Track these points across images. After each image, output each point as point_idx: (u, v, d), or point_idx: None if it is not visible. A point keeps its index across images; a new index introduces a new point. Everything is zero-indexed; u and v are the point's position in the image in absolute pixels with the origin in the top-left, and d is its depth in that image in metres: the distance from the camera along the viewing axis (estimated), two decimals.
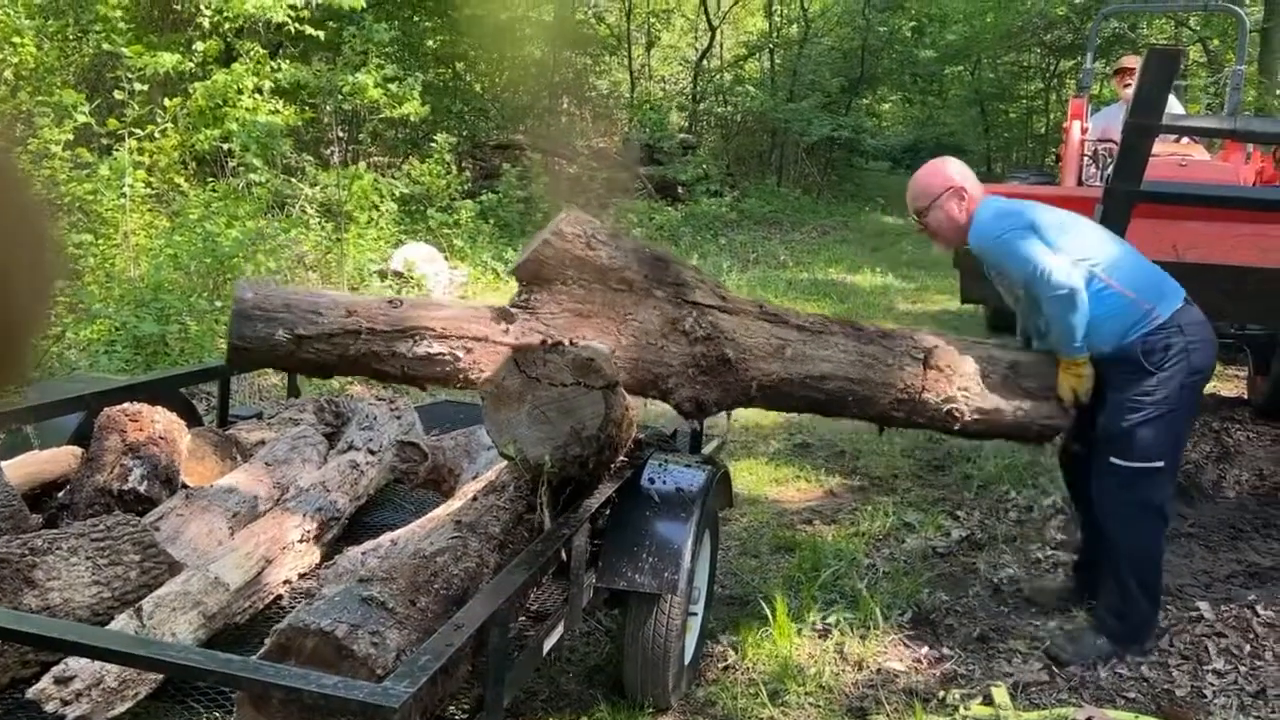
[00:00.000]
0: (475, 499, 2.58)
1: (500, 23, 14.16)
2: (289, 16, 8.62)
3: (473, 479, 2.92)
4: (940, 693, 3.13)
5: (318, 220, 8.19)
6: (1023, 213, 3.25)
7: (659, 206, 13.99)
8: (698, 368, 2.90)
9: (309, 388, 5.81)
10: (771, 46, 20.66)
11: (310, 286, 7.45)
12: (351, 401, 3.81)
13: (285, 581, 2.61)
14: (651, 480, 2.88)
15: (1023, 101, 25.92)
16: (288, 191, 8.49)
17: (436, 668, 1.74)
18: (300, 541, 2.71)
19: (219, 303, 6.55)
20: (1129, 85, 6.60)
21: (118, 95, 7.51)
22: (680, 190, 15.47)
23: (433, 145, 10.40)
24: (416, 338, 2.59)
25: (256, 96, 8.62)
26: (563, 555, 2.50)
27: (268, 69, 8.91)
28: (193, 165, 8.77)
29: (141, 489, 2.75)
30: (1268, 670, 3.28)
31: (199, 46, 8.94)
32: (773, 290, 10.63)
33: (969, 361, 3.17)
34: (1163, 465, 3.20)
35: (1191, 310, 3.23)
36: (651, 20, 20.81)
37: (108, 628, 2.09)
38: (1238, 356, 7.15)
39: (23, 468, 2.85)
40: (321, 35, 8.97)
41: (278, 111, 8.68)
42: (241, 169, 8.19)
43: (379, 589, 2.05)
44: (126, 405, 2.95)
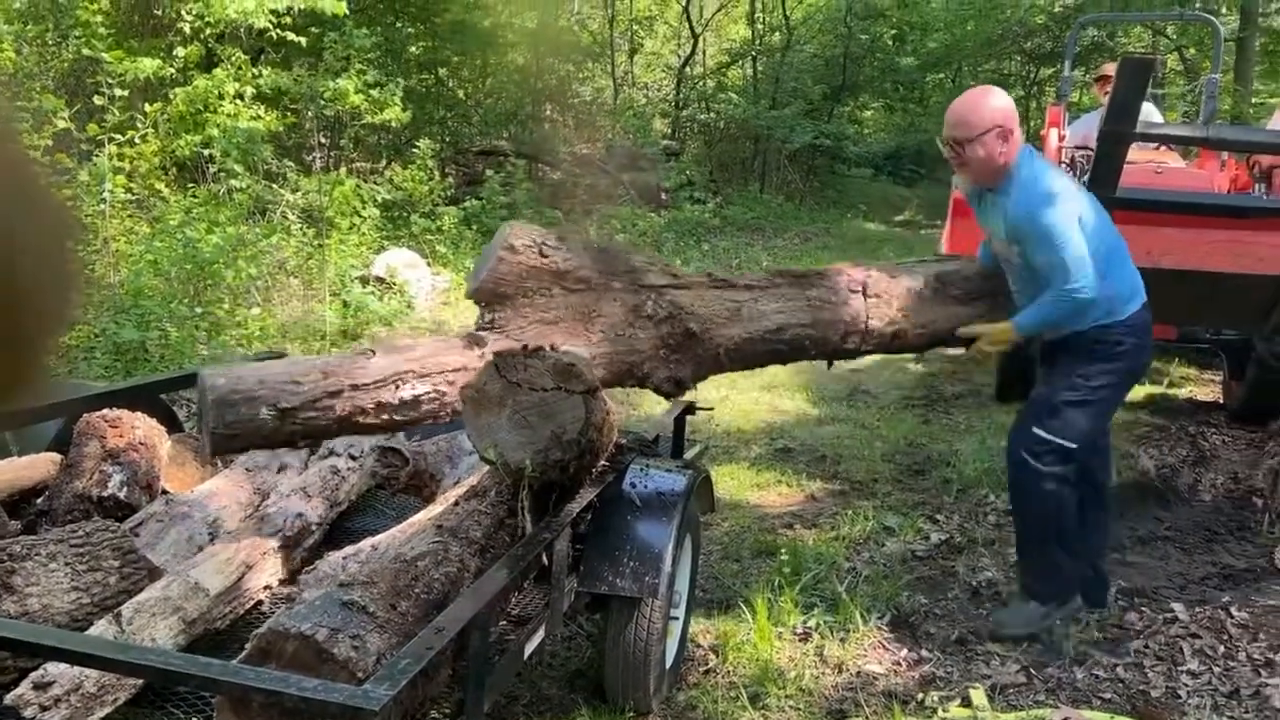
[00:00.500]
0: (457, 504, 2.58)
1: (483, 29, 14.16)
2: (271, 22, 8.61)
3: (454, 484, 2.93)
4: (919, 695, 3.16)
5: (299, 226, 8.17)
6: (1072, 195, 3.23)
7: (642, 213, 14.02)
8: (667, 347, 2.98)
9: None
10: (754, 54, 20.74)
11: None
12: None
13: (266, 587, 2.61)
14: (633, 485, 2.89)
15: None
16: (269, 197, 8.47)
17: (417, 671, 1.75)
18: (281, 547, 2.71)
19: (199, 309, 6.53)
20: (1109, 93, 6.66)
21: (98, 100, 7.48)
22: (664, 197, 15.50)
23: (415, 151, 10.39)
24: (398, 383, 2.58)
25: (238, 102, 8.59)
26: (544, 559, 2.51)
27: (249, 74, 8.89)
28: (173, 171, 8.73)
29: (121, 495, 2.75)
30: (1241, 671, 3.32)
31: (180, 52, 8.91)
32: None
33: (901, 283, 3.35)
34: (1076, 448, 3.33)
35: (1147, 314, 3.38)
36: (634, 27, 20.85)
37: (87, 633, 2.09)
38: (1213, 361, 7.23)
39: (1, 474, 2.84)
40: (303, 41, 8.95)
41: (259, 117, 8.66)
42: (222, 175, 8.16)
43: (360, 593, 2.06)
44: (106, 411, 2.95)
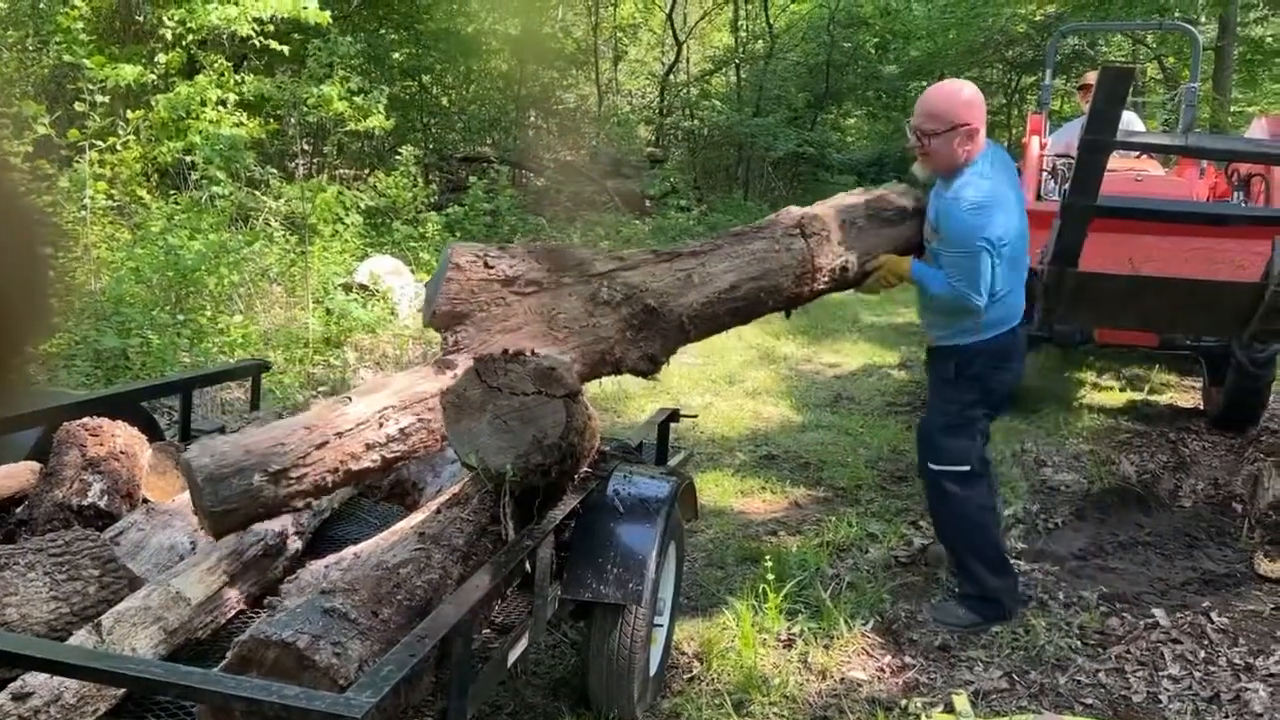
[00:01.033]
0: (439, 511, 2.58)
1: (466, 35, 14.16)
2: (253, 30, 8.58)
3: (436, 492, 2.92)
4: (903, 701, 3.17)
5: (282, 233, 8.13)
6: (1004, 210, 3.37)
7: (626, 220, 14.03)
8: (632, 327, 3.01)
9: (271, 399, 5.78)
10: (737, 62, 20.80)
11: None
12: None
13: (247, 595, 2.59)
14: (616, 492, 2.89)
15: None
16: (251, 204, 8.43)
17: (399, 678, 1.74)
18: (263, 556, 2.70)
19: (181, 316, 6.49)
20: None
21: (79, 107, 7.43)
22: (648, 203, 15.52)
23: (398, 158, 10.38)
24: (381, 421, 2.58)
25: (220, 109, 8.56)
26: (527, 567, 2.50)
27: (231, 81, 8.86)
28: (155, 178, 8.69)
29: (102, 504, 2.73)
30: (1221, 676, 3.35)
31: (161, 58, 8.87)
32: None
33: (836, 217, 3.42)
34: (968, 469, 3.59)
35: (1010, 339, 3.56)
36: (618, 35, 20.88)
37: (67, 643, 2.07)
38: (1193, 368, 7.29)
39: None
40: (286, 50, 8.93)
41: (242, 124, 8.63)
42: (205, 181, 8.12)
43: (341, 600, 2.05)
44: (86, 420, 2.93)
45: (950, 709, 3.09)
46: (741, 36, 21.32)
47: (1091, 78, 7.80)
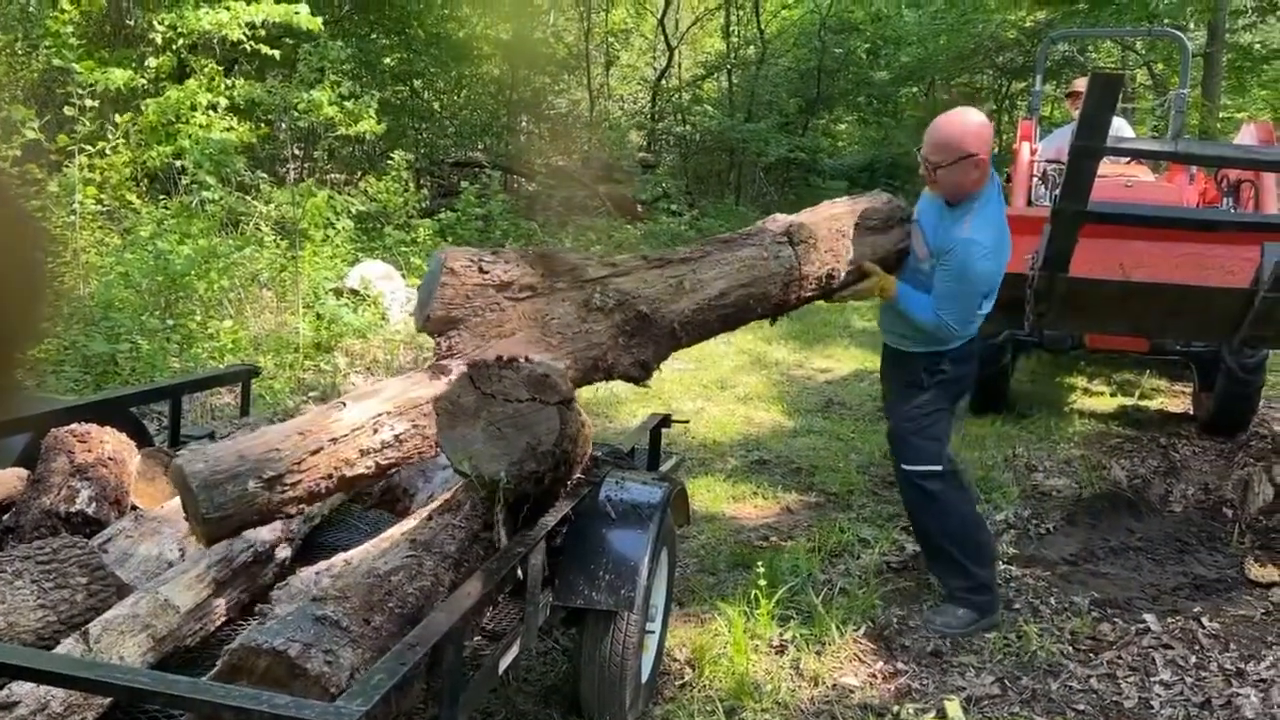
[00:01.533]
0: (430, 518, 2.56)
1: (457, 41, 14.16)
2: (244, 35, 8.56)
3: (428, 499, 2.91)
4: (895, 707, 3.16)
5: (272, 238, 8.11)
6: (1005, 251, 3.52)
7: (617, 224, 14.03)
8: (624, 334, 3.00)
9: (261, 405, 5.75)
10: (729, 67, 20.84)
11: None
12: None
13: (237, 602, 2.58)
14: (608, 497, 2.88)
15: None
16: (242, 209, 8.40)
17: (390, 686, 1.73)
18: (253, 562, 2.68)
19: (171, 321, 6.46)
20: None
21: (68, 111, 7.40)
22: (640, 208, 15.53)
23: (390, 163, 10.36)
24: (376, 426, 2.56)
25: (210, 113, 8.54)
26: (519, 573, 2.49)
27: (222, 86, 8.83)
28: (145, 182, 8.66)
29: (90, 511, 2.71)
30: (1213, 681, 3.35)
31: (152, 62, 8.85)
32: None
33: (822, 225, 3.43)
34: (941, 467, 3.68)
35: (972, 345, 3.72)
36: (610, 40, 20.90)
37: (53, 651, 2.05)
38: (1183, 373, 7.31)
39: None
40: (277, 54, 8.91)
41: (232, 128, 8.60)
42: (195, 186, 8.09)
43: (332, 608, 2.04)
44: (75, 426, 2.91)
45: (943, 715, 3.09)
46: (733, 42, 21.36)
47: (1081, 85, 7.83)
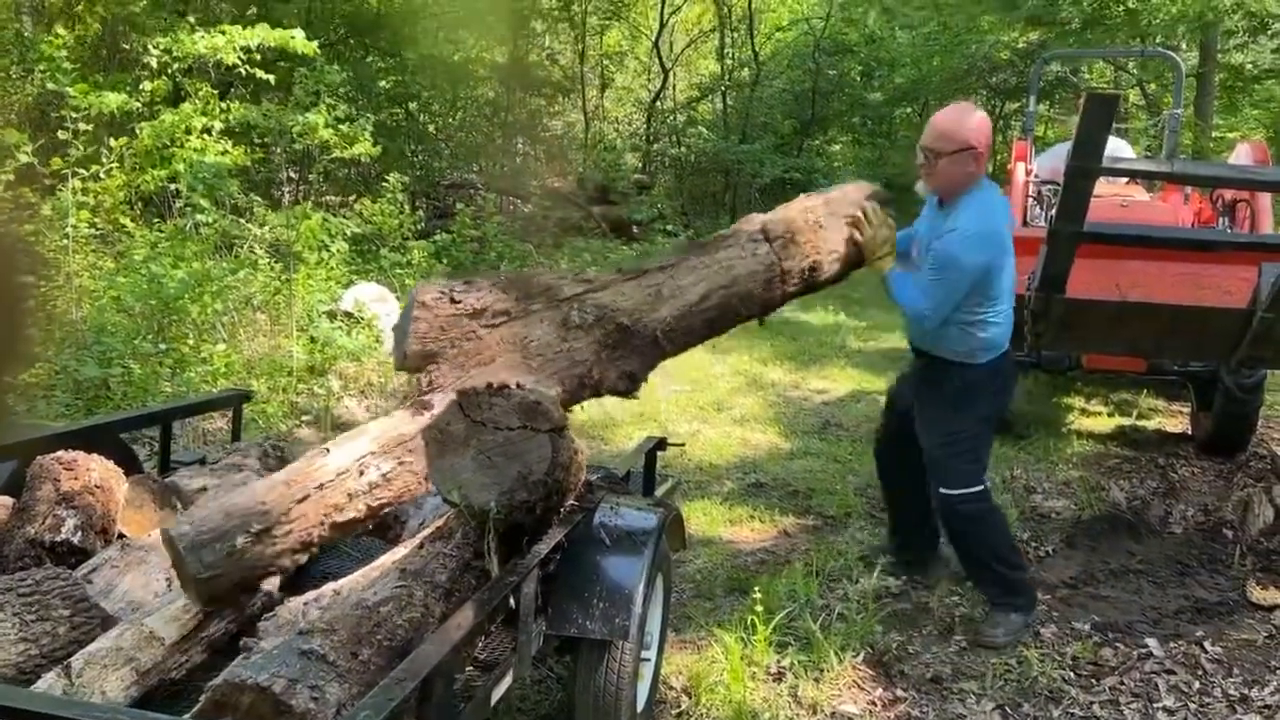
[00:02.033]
0: (421, 546, 2.52)
1: (453, 63, 14.19)
2: (240, 59, 8.56)
3: (419, 526, 2.87)
4: None
5: (267, 261, 8.08)
6: (996, 247, 3.55)
7: (613, 246, 14.03)
8: (607, 347, 2.97)
9: (254, 429, 5.71)
10: (724, 89, 20.93)
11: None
12: (297, 446, 3.74)
13: (223, 633, 2.53)
14: (603, 524, 2.84)
15: None
16: (236, 232, 8.37)
17: None
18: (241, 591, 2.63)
19: (164, 345, 6.42)
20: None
21: (62, 135, 7.38)
22: (635, 230, 15.54)
23: (385, 185, 10.35)
24: (362, 469, 2.54)
25: (205, 137, 8.52)
26: (511, 602, 2.45)
27: (217, 109, 8.82)
28: (139, 206, 8.63)
29: (75, 540, 2.67)
30: (1216, 707, 3.31)
31: (146, 86, 8.84)
32: None
33: (797, 219, 3.40)
34: (982, 486, 3.78)
35: (1006, 361, 3.79)
36: (605, 62, 21.00)
37: (33, 687, 2.00)
38: (1181, 393, 7.28)
39: None
40: (272, 78, 8.91)
41: (227, 152, 8.58)
42: (189, 209, 8.06)
43: (319, 641, 2.00)
44: (61, 453, 2.87)
45: None
46: (728, 64, 21.46)
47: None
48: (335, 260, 8.69)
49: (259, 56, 8.71)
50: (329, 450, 2.54)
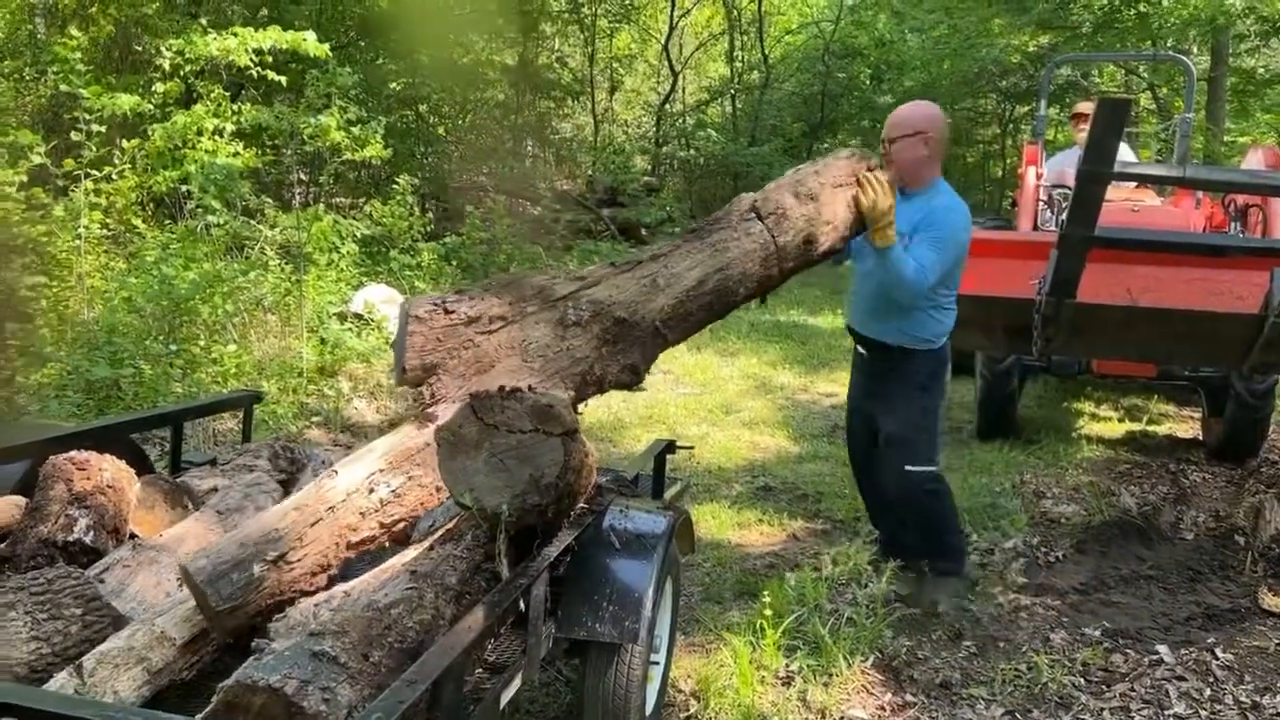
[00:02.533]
0: (432, 548, 2.53)
1: (463, 66, 14.23)
2: (251, 61, 8.60)
3: (429, 526, 2.87)
4: None
5: (277, 262, 8.10)
6: (968, 234, 3.83)
7: (622, 248, 14.03)
8: (607, 342, 2.96)
9: (264, 430, 5.73)
10: (733, 91, 20.94)
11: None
12: (307, 447, 3.75)
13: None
14: (612, 527, 2.84)
15: (979, 146, 26.38)
16: (247, 233, 8.40)
17: None
18: None
19: (174, 346, 6.44)
20: (1084, 130, 6.74)
21: (75, 136, 7.42)
22: (644, 232, 15.55)
23: (395, 187, 10.38)
24: (372, 487, 2.56)
25: (216, 138, 8.56)
26: (521, 604, 2.45)
27: (228, 111, 8.86)
28: (150, 207, 8.67)
29: (87, 540, 2.67)
30: (1228, 714, 3.29)
31: (159, 88, 8.88)
32: (734, 332, 10.67)
33: (789, 196, 3.37)
34: (938, 466, 4.05)
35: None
36: (614, 65, 21.02)
37: (45, 686, 2.01)
38: (1192, 398, 7.26)
39: None
40: (284, 80, 8.94)
41: (238, 153, 8.62)
42: (200, 210, 8.10)
43: (330, 643, 2.00)
44: (73, 453, 2.87)
45: None
46: (737, 67, 21.47)
47: (1084, 107, 7.83)
48: (345, 262, 8.71)
49: (270, 58, 8.75)
50: (337, 471, 2.55)
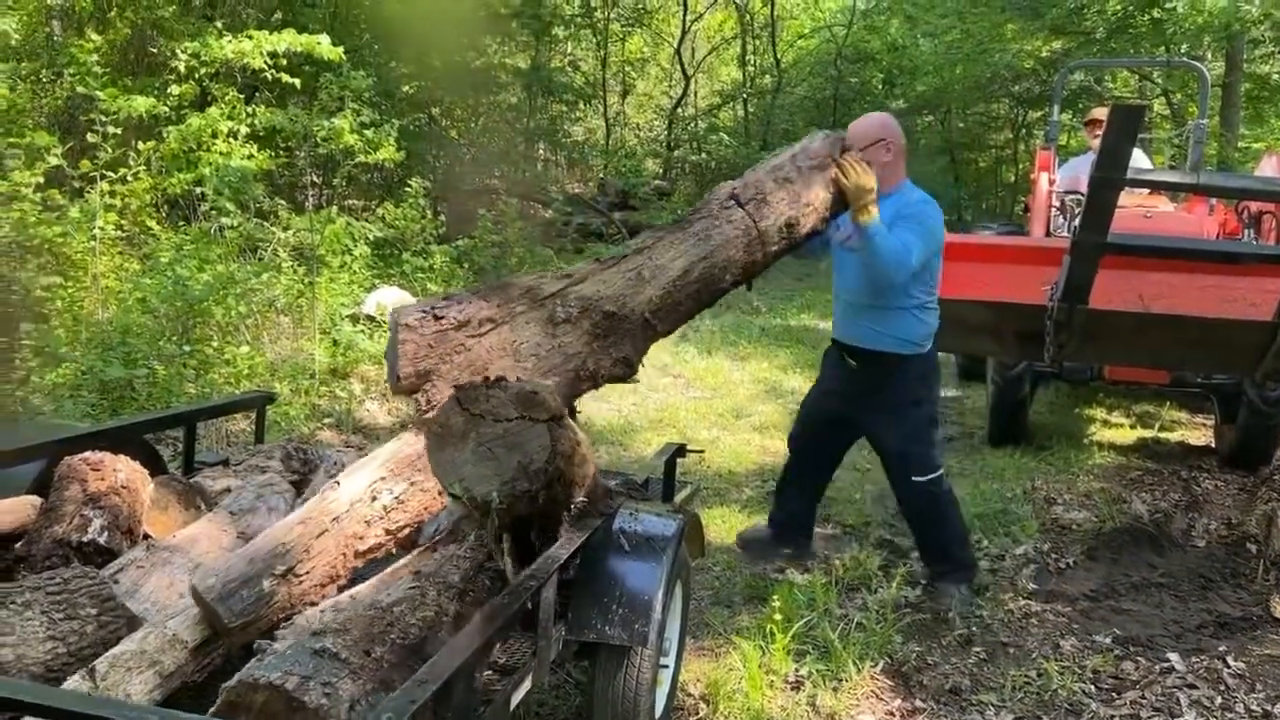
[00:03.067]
0: (434, 548, 2.55)
1: (476, 69, 14.27)
2: (266, 64, 8.64)
3: (434, 532, 2.88)
4: None
5: (290, 264, 8.14)
6: (943, 229, 3.96)
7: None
8: (597, 337, 2.98)
9: (277, 431, 5.75)
10: (745, 95, 20.95)
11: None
12: (320, 448, 3.77)
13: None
14: (622, 529, 2.85)
15: (992, 151, 26.32)
16: (260, 235, 8.44)
17: None
18: None
19: (188, 347, 6.48)
20: (1099, 136, 6.72)
21: (91, 138, 7.47)
22: None
23: (407, 189, 10.41)
24: (374, 495, 2.58)
25: (231, 141, 8.60)
26: (530, 607, 2.46)
27: (243, 113, 8.91)
28: (165, 208, 8.72)
29: (102, 540, 2.69)
30: None
31: (174, 90, 8.93)
32: (745, 336, 10.67)
33: (766, 179, 3.41)
34: (942, 470, 4.12)
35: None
36: (626, 69, 21.05)
37: (61, 687, 2.03)
38: (1204, 405, 7.23)
39: None
40: (298, 83, 8.98)
41: (252, 156, 8.67)
42: (214, 212, 8.15)
43: (332, 640, 2.03)
44: (88, 454, 2.89)
45: None
46: (749, 71, 21.48)
47: (1099, 113, 7.81)
48: (358, 264, 8.74)
49: (285, 61, 8.79)
50: (339, 483, 2.58)
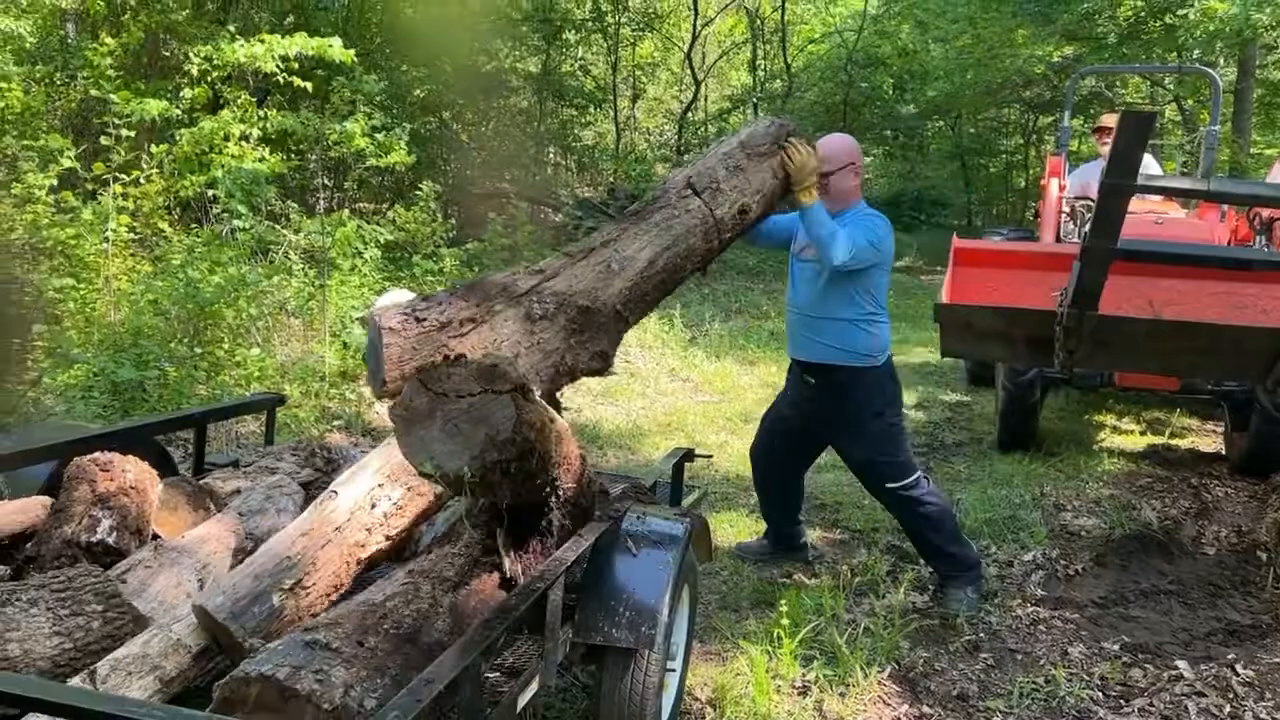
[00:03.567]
0: (430, 550, 2.58)
1: (487, 73, 14.30)
2: (278, 67, 8.68)
3: (433, 539, 2.89)
4: None
5: (301, 267, 8.17)
6: (889, 241, 4.05)
7: None
8: (573, 332, 3.01)
9: (286, 433, 5.77)
10: (755, 100, 20.94)
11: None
12: (343, 448, 3.77)
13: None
14: (629, 532, 2.86)
15: (1003, 156, 26.31)
16: (271, 238, 8.47)
17: None
18: None
19: (199, 349, 6.51)
20: (1107, 143, 6.71)
21: (104, 140, 7.51)
22: None
23: (418, 193, 10.44)
24: (373, 501, 2.61)
25: (243, 144, 8.64)
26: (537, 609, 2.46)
27: (255, 116, 8.94)
28: (177, 211, 8.75)
29: (110, 540, 2.70)
30: None
31: (187, 93, 8.97)
32: (755, 340, 10.67)
33: (718, 167, 3.48)
34: (919, 475, 4.18)
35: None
36: (637, 73, 21.07)
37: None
38: (1215, 412, 7.20)
39: None
40: (310, 86, 9.02)
41: (264, 159, 8.70)
42: (226, 215, 8.18)
43: (324, 633, 2.07)
44: (97, 454, 2.91)
45: None
46: (759, 76, 21.49)
47: (1108, 120, 7.79)
48: (368, 267, 8.76)
49: (297, 65, 8.82)
50: (336, 493, 2.60)
